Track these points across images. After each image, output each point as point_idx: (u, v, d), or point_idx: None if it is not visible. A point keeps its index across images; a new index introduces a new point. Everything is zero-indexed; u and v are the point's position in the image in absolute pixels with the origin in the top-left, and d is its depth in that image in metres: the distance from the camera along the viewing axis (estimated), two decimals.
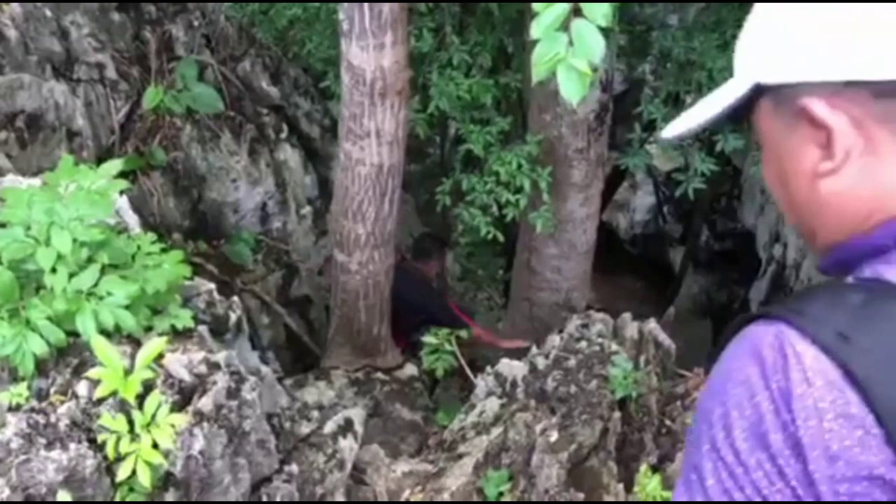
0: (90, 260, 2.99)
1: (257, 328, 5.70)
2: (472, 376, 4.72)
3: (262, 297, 5.68)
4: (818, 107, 0.85)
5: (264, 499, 3.18)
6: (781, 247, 7.08)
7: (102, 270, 3.05)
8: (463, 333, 5.06)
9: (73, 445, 2.56)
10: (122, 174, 5.36)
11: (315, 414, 3.56)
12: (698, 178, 5.76)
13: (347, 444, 3.52)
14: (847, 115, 0.84)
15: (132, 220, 3.88)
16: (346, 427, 3.57)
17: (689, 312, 8.48)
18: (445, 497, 3.74)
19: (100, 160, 4.46)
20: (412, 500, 3.85)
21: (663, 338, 4.88)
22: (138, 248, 3.28)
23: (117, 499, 2.65)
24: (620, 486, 3.68)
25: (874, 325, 0.79)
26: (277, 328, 5.84)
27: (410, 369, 5.39)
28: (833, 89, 0.85)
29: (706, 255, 9.50)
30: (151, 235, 3.34)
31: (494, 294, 8.10)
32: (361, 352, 5.24)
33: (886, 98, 0.83)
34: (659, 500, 3.50)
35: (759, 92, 0.92)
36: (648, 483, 3.57)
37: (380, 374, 5.23)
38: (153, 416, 2.61)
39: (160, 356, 2.99)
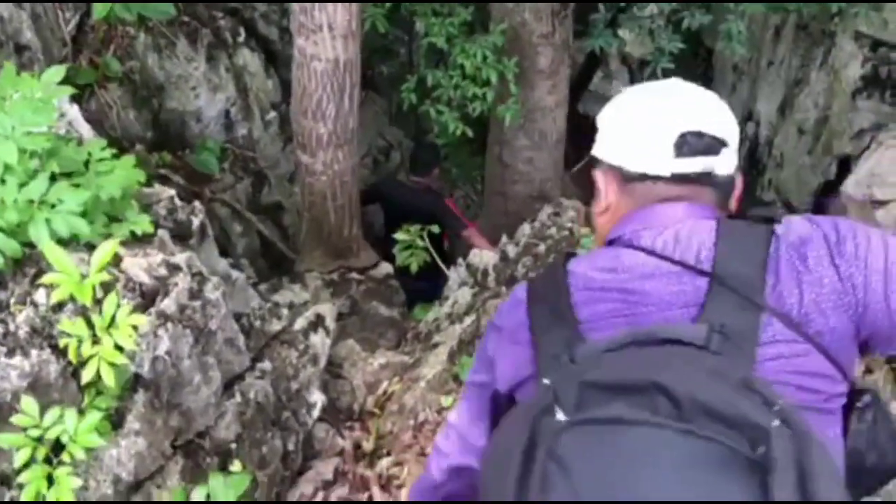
0: (38, 169, 2.94)
1: (231, 236, 5.68)
2: (445, 269, 4.72)
3: (233, 205, 5.63)
4: (597, 175, 1.45)
5: (238, 396, 3.21)
6: (754, 124, 7.03)
7: (53, 179, 3.00)
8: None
9: (34, 352, 2.56)
10: (78, 87, 5.28)
11: (285, 312, 3.56)
12: (666, 58, 5.68)
13: (319, 339, 3.53)
14: (608, 184, 1.41)
15: (85, 129, 3.80)
16: (317, 322, 3.59)
17: None
18: (422, 385, 3.79)
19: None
20: (390, 390, 3.91)
21: None
22: (90, 155, 3.22)
23: (85, 401, 2.66)
24: None
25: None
26: (251, 236, 5.82)
27: (385, 267, 5.40)
28: (606, 168, 1.42)
29: None
30: (102, 142, 3.27)
31: (470, 192, 8.08)
32: (334, 253, 5.23)
33: (624, 181, 1.38)
34: None
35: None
36: None
37: (355, 274, 5.24)
38: (113, 318, 2.60)
39: (119, 261, 2.97)
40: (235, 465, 3.13)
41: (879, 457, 1.26)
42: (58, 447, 2.55)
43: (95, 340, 2.59)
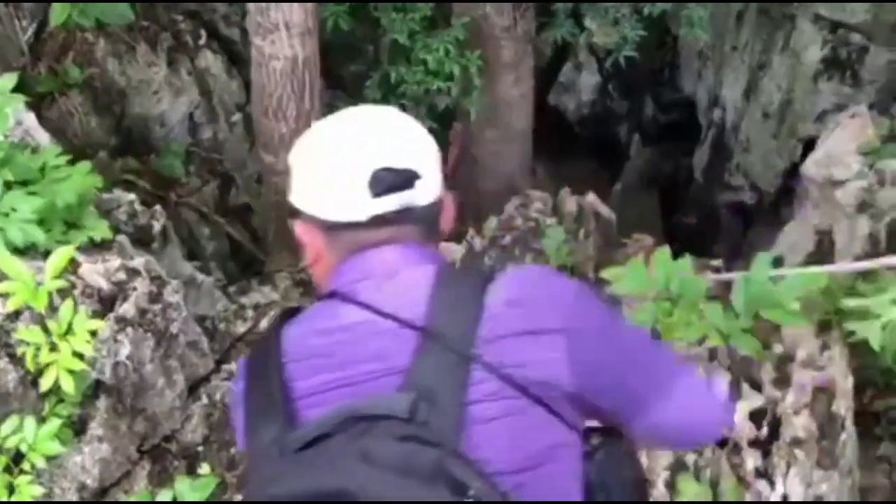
0: None
1: (199, 240, 5.65)
2: None
3: (200, 208, 5.60)
4: (297, 227, 1.33)
5: (204, 398, 3.20)
6: (720, 110, 7.06)
7: (8, 187, 2.98)
8: None
9: None
10: (39, 95, 5.24)
11: (250, 313, 3.55)
12: (629, 46, 5.70)
13: None
14: (312, 235, 1.30)
15: (43, 137, 3.78)
16: None
17: (637, 186, 8.49)
18: None
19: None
20: None
21: (603, 209, 4.92)
22: (45, 162, 3.20)
23: (46, 409, 2.65)
24: None
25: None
26: (220, 239, 5.78)
27: None
28: (305, 218, 1.30)
29: (654, 127, 9.46)
30: (56, 149, 3.26)
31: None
32: (302, 253, 5.21)
33: (327, 232, 1.28)
34: None
35: None
36: None
37: None
38: (70, 325, 2.58)
39: (77, 267, 2.95)
40: (203, 468, 3.13)
41: (606, 497, 1.26)
42: (19, 456, 2.53)
43: (53, 347, 2.57)
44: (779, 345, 2.93)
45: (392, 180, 1.24)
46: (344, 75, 7.58)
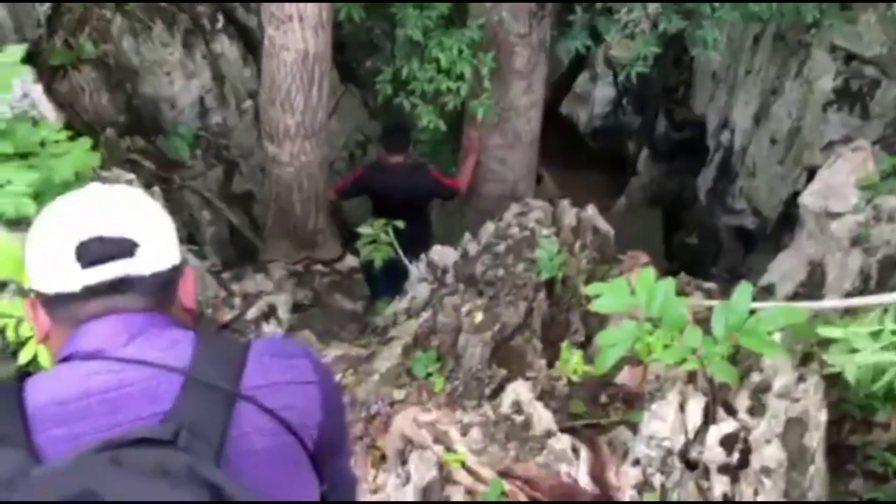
0: None
1: (200, 224, 5.68)
2: (407, 264, 4.74)
3: (203, 192, 5.63)
4: (26, 305, 1.31)
5: None
6: (729, 133, 7.06)
7: (8, 158, 3.01)
8: None
9: None
10: (51, 68, 5.28)
11: (238, 301, 3.58)
12: (641, 62, 5.70)
13: (271, 329, 3.55)
14: (38, 311, 1.28)
15: (48, 110, 3.82)
16: (270, 313, 3.61)
17: (641, 201, 8.51)
18: (375, 378, 3.80)
19: (29, 56, 4.35)
20: (344, 381, 3.92)
21: (601, 223, 4.92)
22: (45, 137, 3.23)
23: None
24: (543, 362, 3.75)
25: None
26: (220, 224, 5.82)
27: (351, 261, 5.41)
28: (31, 294, 1.29)
29: (665, 145, 9.46)
30: (57, 124, 3.28)
31: None
32: (299, 244, 5.24)
33: (48, 306, 1.26)
34: (580, 373, 3.58)
35: None
36: (570, 358, 3.64)
37: (319, 266, 5.25)
38: None
39: None
40: None
41: None
42: None
43: None
44: (757, 373, 2.94)
45: (104, 249, 1.23)
46: (358, 70, 7.60)
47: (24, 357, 2.57)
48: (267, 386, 1.23)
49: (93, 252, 1.23)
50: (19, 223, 2.96)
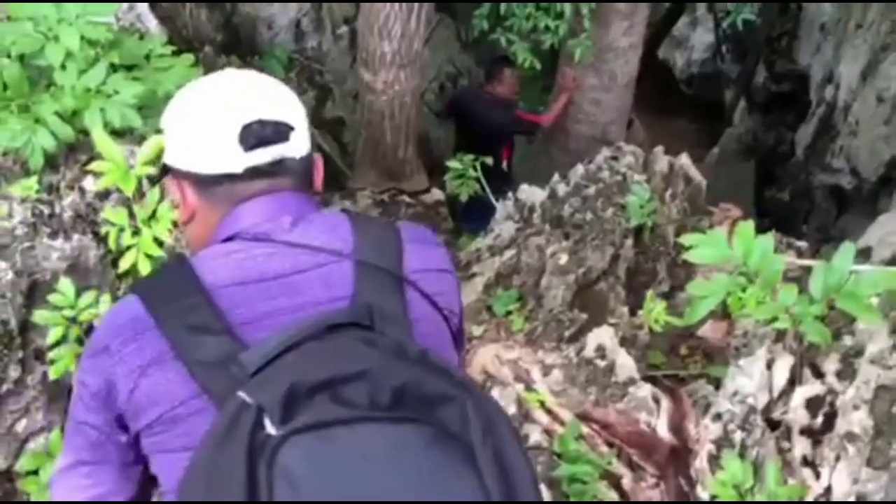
0: (98, 58, 3.00)
1: None
2: (493, 201, 4.72)
3: None
4: (170, 184, 1.36)
5: None
6: (833, 88, 6.78)
7: (113, 69, 3.06)
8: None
9: (76, 236, 2.65)
10: None
11: None
12: (748, 8, 5.51)
13: None
14: (186, 191, 1.32)
15: (152, 24, 3.86)
16: None
17: (734, 153, 8.28)
18: None
19: None
20: None
21: (694, 173, 4.81)
22: (150, 50, 3.27)
23: (121, 290, 2.76)
24: (625, 309, 3.72)
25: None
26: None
27: (437, 194, 5.41)
28: (178, 174, 1.33)
29: (763, 96, 9.16)
30: (163, 37, 3.32)
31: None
32: (387, 174, 5.25)
33: (201, 186, 1.29)
34: (662, 323, 3.54)
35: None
36: (654, 308, 3.60)
37: (405, 197, 5.26)
38: (154, 212, 2.66)
39: None
40: None
41: None
42: (90, 330, 2.65)
43: (136, 231, 2.66)
44: (849, 337, 2.86)
45: (266, 132, 1.26)
46: (455, 1, 7.51)
47: (123, 265, 2.65)
48: (424, 271, 1.28)
49: (255, 134, 1.26)
50: (124, 134, 3.03)
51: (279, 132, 1.27)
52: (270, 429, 0.99)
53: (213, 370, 1.12)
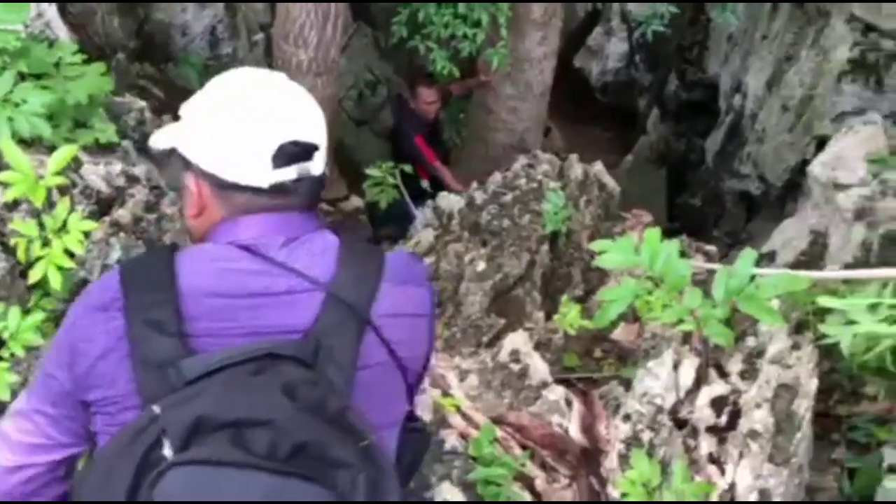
0: (6, 67, 2.94)
1: None
2: (412, 208, 4.76)
3: None
4: (188, 177, 1.33)
5: None
6: (741, 97, 7.02)
7: (22, 78, 3.01)
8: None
9: None
10: None
11: None
12: (658, 19, 5.67)
13: None
14: (202, 187, 1.31)
15: (62, 31, 3.79)
16: None
17: (647, 160, 8.49)
18: None
19: None
20: None
21: (608, 180, 4.93)
22: (60, 58, 3.22)
23: (31, 301, 2.71)
24: (541, 314, 3.79)
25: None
26: None
27: (356, 201, 5.43)
28: (197, 171, 1.31)
29: (674, 104, 9.42)
30: (73, 45, 3.27)
31: (454, 135, 8.05)
32: None
33: (219, 189, 1.30)
34: (577, 327, 3.63)
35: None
36: (568, 312, 3.68)
37: (324, 205, 5.26)
38: (64, 223, 2.62)
39: (79, 166, 2.99)
40: None
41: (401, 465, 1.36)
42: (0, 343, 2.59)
43: (46, 242, 2.62)
44: (752, 338, 2.98)
45: (296, 152, 1.28)
46: (373, 9, 7.53)
47: (33, 277, 2.60)
48: (393, 316, 1.29)
49: (287, 153, 1.27)
50: (33, 143, 2.98)
51: (307, 152, 1.29)
52: (167, 451, 1.04)
53: (153, 371, 1.15)
